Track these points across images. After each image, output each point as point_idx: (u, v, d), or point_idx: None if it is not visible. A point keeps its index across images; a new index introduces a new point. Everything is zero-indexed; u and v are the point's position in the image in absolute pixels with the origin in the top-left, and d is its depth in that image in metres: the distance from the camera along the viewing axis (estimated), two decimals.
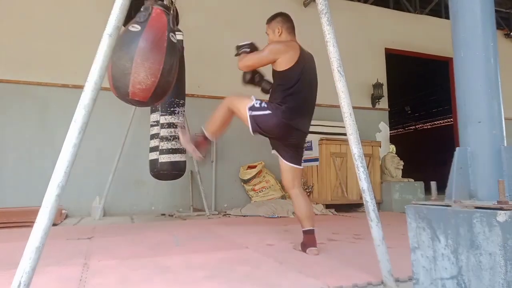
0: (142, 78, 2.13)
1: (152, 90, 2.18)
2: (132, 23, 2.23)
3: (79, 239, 2.92)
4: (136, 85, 2.14)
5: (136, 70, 2.11)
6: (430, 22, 7.23)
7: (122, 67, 2.10)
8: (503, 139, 1.45)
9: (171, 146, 3.71)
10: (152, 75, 2.15)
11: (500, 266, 1.16)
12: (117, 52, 2.04)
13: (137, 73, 2.11)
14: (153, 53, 2.18)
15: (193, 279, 1.78)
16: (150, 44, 2.17)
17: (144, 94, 2.18)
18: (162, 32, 2.26)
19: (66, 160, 1.43)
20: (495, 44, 1.51)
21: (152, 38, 2.19)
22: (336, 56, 1.82)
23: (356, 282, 1.69)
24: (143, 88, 2.15)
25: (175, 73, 2.33)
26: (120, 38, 2.07)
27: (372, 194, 1.75)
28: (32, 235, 1.35)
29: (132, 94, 2.17)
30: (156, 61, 2.16)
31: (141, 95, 2.18)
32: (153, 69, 2.14)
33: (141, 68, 2.11)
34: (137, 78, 2.11)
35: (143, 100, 2.22)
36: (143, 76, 2.13)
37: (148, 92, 2.18)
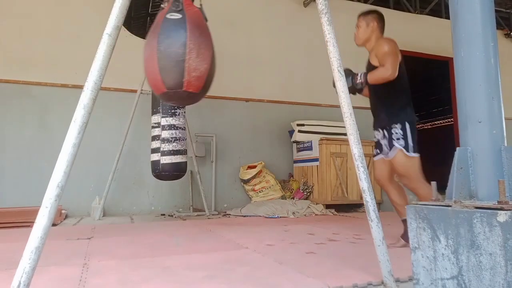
0: (196, 65, 1.99)
1: (205, 78, 2.04)
2: (169, 12, 2.09)
3: (79, 239, 2.92)
4: (192, 73, 1.98)
5: (190, 57, 1.96)
6: (430, 22, 7.23)
7: (174, 55, 1.95)
8: (503, 139, 1.45)
9: (172, 147, 3.72)
10: (205, 61, 2.02)
11: (500, 266, 1.16)
12: (164, 41, 1.95)
13: (192, 60, 1.97)
14: (202, 38, 2.06)
15: (193, 279, 1.78)
16: (197, 29, 2.06)
17: (198, 83, 2.02)
18: (201, 19, 2.17)
19: (66, 160, 1.43)
20: (495, 44, 1.51)
21: (198, 24, 2.09)
22: (336, 56, 1.82)
23: (356, 282, 1.69)
24: (198, 75, 2.00)
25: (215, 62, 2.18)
26: (162, 28, 2.00)
27: (372, 194, 1.74)
28: (32, 235, 1.35)
29: (187, 84, 2.01)
30: (207, 47, 2.05)
31: (196, 84, 2.02)
32: (205, 55, 2.02)
33: (195, 54, 1.97)
34: (192, 64, 1.97)
35: (195, 90, 2.05)
36: (197, 62, 1.99)
37: (202, 81, 2.03)
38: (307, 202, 4.95)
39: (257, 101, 5.72)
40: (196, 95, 2.13)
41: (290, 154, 5.77)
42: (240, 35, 5.77)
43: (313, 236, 3.05)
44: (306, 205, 4.86)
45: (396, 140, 2.44)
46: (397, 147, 2.43)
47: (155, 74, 1.99)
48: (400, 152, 2.43)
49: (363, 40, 2.70)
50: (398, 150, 2.43)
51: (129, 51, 4.91)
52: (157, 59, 1.96)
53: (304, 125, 5.46)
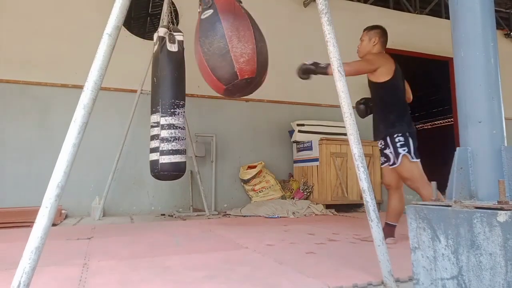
0: (241, 49, 1.99)
1: (255, 59, 2.03)
2: (202, 12, 2.13)
3: (79, 239, 2.92)
4: (239, 59, 1.99)
5: (232, 45, 1.98)
6: (430, 22, 7.23)
7: (218, 50, 1.98)
8: (503, 139, 1.45)
9: (171, 147, 3.70)
10: (249, 42, 2.02)
11: (500, 266, 1.16)
12: (205, 42, 1.96)
13: (235, 47, 1.99)
14: (238, 21, 2.07)
15: (193, 279, 1.78)
16: (231, 15, 2.06)
17: (250, 66, 2.03)
18: (232, 4, 2.16)
19: (66, 160, 1.43)
20: (495, 44, 1.51)
21: (229, 10, 2.08)
22: (336, 56, 1.82)
23: (356, 282, 1.69)
24: (247, 59, 2.01)
25: (262, 37, 2.17)
26: (201, 29, 2.02)
27: (372, 194, 1.74)
28: (32, 235, 1.35)
29: (240, 72, 2.01)
30: (245, 27, 2.05)
31: (248, 68, 2.02)
32: (246, 36, 2.03)
33: (235, 40, 1.99)
34: (237, 51, 1.98)
35: (251, 75, 2.04)
36: (241, 47, 2.00)
37: (253, 63, 2.03)
38: (307, 202, 4.95)
39: (257, 101, 5.72)
40: (254, 79, 2.10)
41: (290, 154, 5.77)
42: None
43: (313, 236, 3.05)
44: (306, 205, 4.86)
45: (400, 148, 2.58)
46: (402, 153, 2.57)
47: (210, 76, 2.01)
48: (405, 158, 2.57)
49: (364, 54, 2.89)
50: (403, 156, 2.57)
51: (129, 51, 4.92)
52: (205, 61, 1.99)
53: (304, 125, 5.46)
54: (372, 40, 2.85)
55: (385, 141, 2.67)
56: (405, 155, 2.57)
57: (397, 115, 2.68)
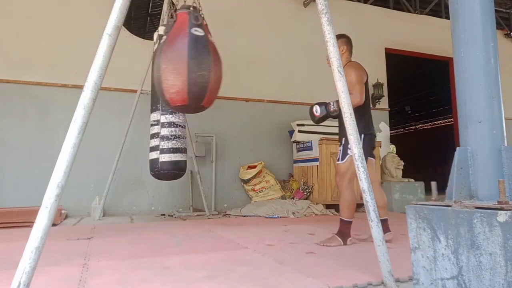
0: (172, 81, 2.19)
1: (186, 90, 2.21)
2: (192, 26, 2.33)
3: (79, 239, 2.92)
4: (170, 90, 2.21)
5: (164, 77, 2.19)
6: (430, 22, 7.23)
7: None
8: (503, 139, 1.45)
9: (171, 145, 3.68)
10: (180, 74, 2.19)
11: (500, 266, 1.16)
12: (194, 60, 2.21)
13: (166, 79, 2.19)
14: (175, 53, 2.24)
15: (193, 279, 1.78)
16: (171, 46, 2.26)
17: (180, 97, 2.23)
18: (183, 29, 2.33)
19: (66, 160, 1.43)
20: (495, 44, 1.51)
21: (174, 39, 2.28)
22: (336, 56, 1.82)
23: (357, 282, 1.69)
24: (176, 91, 2.21)
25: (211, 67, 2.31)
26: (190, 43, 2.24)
27: (372, 194, 1.74)
28: (32, 235, 1.35)
29: (171, 101, 2.25)
30: (180, 60, 2.21)
31: (178, 98, 2.24)
32: (179, 68, 2.19)
33: (168, 72, 2.19)
34: (168, 83, 2.20)
35: (183, 103, 2.26)
36: (172, 79, 2.19)
37: (183, 93, 2.22)
38: (307, 202, 4.95)
39: (257, 101, 5.73)
40: (189, 106, 2.37)
41: (290, 154, 5.77)
42: (240, 35, 5.77)
43: (313, 236, 3.05)
44: (306, 205, 4.86)
45: (349, 149, 2.70)
46: (349, 154, 2.70)
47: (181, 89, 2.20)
48: (350, 158, 2.70)
49: None
50: (350, 157, 2.70)
51: (129, 52, 4.92)
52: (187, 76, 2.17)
53: (304, 125, 5.46)
54: (340, 48, 2.86)
55: (341, 141, 2.83)
56: (351, 156, 2.65)
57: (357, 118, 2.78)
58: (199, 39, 2.26)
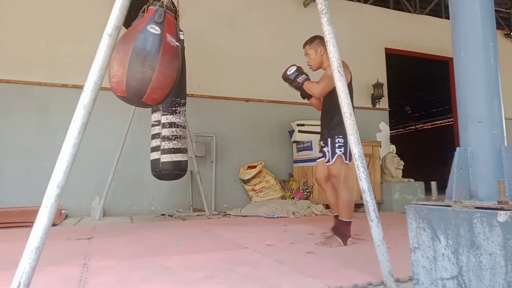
0: (115, 71, 2.27)
1: (124, 82, 2.29)
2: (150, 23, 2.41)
3: (79, 239, 2.91)
4: (112, 79, 2.30)
5: (111, 66, 2.26)
6: (430, 22, 7.23)
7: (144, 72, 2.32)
8: (503, 139, 1.45)
9: (172, 145, 3.69)
10: (122, 66, 2.26)
11: (500, 266, 1.16)
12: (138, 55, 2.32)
13: (111, 68, 2.27)
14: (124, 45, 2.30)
15: (192, 279, 1.78)
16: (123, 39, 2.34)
17: (120, 87, 2.31)
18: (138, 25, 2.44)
19: (66, 160, 1.43)
20: (495, 44, 1.51)
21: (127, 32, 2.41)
22: (336, 56, 1.82)
23: (356, 283, 1.68)
24: (117, 81, 2.29)
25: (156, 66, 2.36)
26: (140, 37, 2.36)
27: (372, 194, 1.74)
28: (32, 235, 1.35)
29: (114, 89, 2.34)
30: (125, 52, 2.28)
31: (118, 88, 2.32)
32: (122, 60, 2.26)
33: (114, 62, 2.26)
34: (112, 72, 2.28)
35: (122, 94, 2.34)
36: (115, 68, 2.27)
37: (122, 85, 2.29)
38: (307, 202, 4.95)
39: (257, 101, 5.73)
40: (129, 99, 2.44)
41: (290, 154, 5.77)
42: (240, 35, 5.77)
43: (313, 236, 3.05)
44: (306, 205, 4.86)
45: (337, 148, 2.79)
46: (338, 153, 2.77)
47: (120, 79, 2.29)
48: (339, 157, 2.78)
49: (317, 66, 3.07)
50: (338, 156, 2.77)
51: None
52: (127, 67, 2.25)
53: (304, 125, 5.46)
54: (318, 50, 3.00)
55: (326, 141, 2.84)
56: (340, 155, 2.78)
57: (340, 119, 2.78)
58: (151, 37, 2.34)
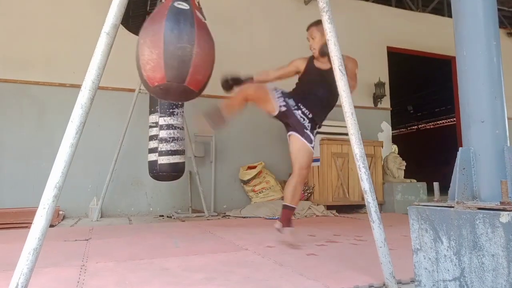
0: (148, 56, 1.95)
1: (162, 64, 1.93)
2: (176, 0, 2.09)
3: (77, 241, 2.90)
4: (146, 66, 1.97)
5: (141, 52, 1.97)
6: (432, 20, 7.21)
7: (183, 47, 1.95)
8: (506, 139, 1.43)
9: (170, 147, 3.69)
10: (155, 48, 1.94)
11: (503, 267, 1.14)
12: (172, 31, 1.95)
13: (143, 55, 1.97)
14: (208, 36, 2.08)
15: (192, 281, 1.76)
16: (204, 27, 2.08)
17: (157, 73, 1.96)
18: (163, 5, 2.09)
19: (63, 160, 1.41)
20: (498, 43, 1.49)
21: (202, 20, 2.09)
22: (338, 54, 1.80)
23: (358, 284, 1.67)
24: (152, 66, 1.95)
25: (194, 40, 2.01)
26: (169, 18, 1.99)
27: (374, 195, 1.72)
28: (29, 236, 1.33)
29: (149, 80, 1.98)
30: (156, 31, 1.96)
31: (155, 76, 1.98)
32: (155, 40, 1.95)
33: (144, 47, 1.97)
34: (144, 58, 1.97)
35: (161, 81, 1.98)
36: (203, 60, 2.00)
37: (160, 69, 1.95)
38: (308, 203, 4.93)
39: None
40: (194, 94, 2.09)
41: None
42: (240, 33, 5.75)
43: (314, 237, 3.04)
44: (307, 206, 4.84)
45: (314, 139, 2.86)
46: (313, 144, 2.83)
47: (156, 64, 1.91)
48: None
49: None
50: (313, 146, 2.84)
51: (127, 50, 4.89)
52: (163, 49, 1.88)
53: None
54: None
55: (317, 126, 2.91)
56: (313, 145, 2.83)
57: None
58: (181, 11, 2.01)
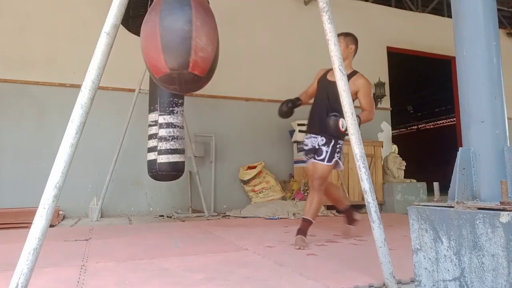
0: (204, 44, 1.81)
1: (211, 61, 1.86)
2: None
3: (77, 241, 2.90)
4: (199, 52, 1.79)
5: (197, 34, 1.79)
6: (432, 20, 7.21)
7: (180, 31, 1.77)
8: (506, 139, 1.43)
9: (170, 146, 3.67)
10: (211, 43, 1.85)
11: (503, 267, 1.14)
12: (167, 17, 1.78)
13: (199, 38, 1.79)
14: (208, 17, 1.92)
15: (191, 281, 1.76)
16: (202, 7, 1.91)
17: (205, 64, 1.84)
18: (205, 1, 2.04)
19: (63, 160, 1.41)
20: (498, 43, 1.49)
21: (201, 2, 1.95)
22: (337, 54, 1.80)
23: (358, 284, 1.67)
24: (204, 56, 1.82)
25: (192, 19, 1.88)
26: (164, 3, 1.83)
27: (374, 195, 1.72)
28: (29, 236, 1.33)
29: (193, 65, 1.80)
30: (213, 27, 1.90)
31: (202, 66, 1.83)
32: (212, 35, 1.86)
33: (202, 32, 1.81)
34: (199, 43, 1.79)
35: (201, 74, 1.85)
36: (204, 41, 1.82)
37: (208, 63, 1.85)
38: None
39: (257, 100, 5.71)
40: (201, 79, 1.93)
41: (290, 154, 5.75)
42: (240, 33, 5.75)
43: (314, 237, 3.03)
44: None
45: (336, 153, 2.80)
46: (335, 158, 2.79)
47: (156, 53, 1.79)
48: (336, 162, 2.81)
49: None
50: (335, 161, 2.78)
51: (127, 50, 4.89)
52: (159, 36, 1.77)
53: (305, 125, 5.43)
54: (349, 47, 2.86)
55: (329, 141, 2.81)
56: (336, 160, 2.77)
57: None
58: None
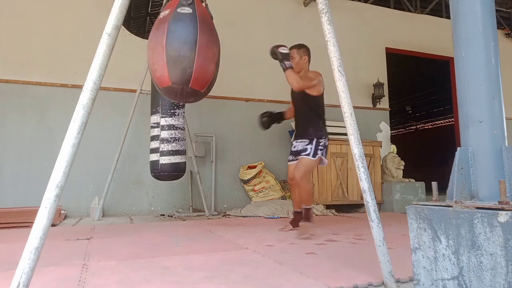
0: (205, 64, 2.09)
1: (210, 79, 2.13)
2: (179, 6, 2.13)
3: (78, 240, 2.91)
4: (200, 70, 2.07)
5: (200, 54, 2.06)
6: (430, 21, 7.22)
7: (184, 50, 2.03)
8: (504, 139, 1.44)
9: (171, 148, 3.72)
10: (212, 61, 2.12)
11: (501, 266, 1.15)
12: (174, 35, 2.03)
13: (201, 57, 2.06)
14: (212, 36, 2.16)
15: (192, 280, 1.77)
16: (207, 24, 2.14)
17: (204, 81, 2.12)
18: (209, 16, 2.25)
19: (65, 160, 1.42)
20: (496, 43, 1.50)
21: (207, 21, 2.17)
22: (337, 55, 1.82)
23: (357, 283, 1.68)
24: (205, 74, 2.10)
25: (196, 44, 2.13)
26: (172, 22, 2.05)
27: (373, 195, 1.74)
28: (31, 235, 1.34)
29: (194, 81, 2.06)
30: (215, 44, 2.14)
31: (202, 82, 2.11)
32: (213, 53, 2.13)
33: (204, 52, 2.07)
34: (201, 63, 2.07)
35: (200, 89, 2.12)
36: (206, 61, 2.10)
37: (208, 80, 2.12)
38: None
39: (257, 101, 5.72)
40: (200, 94, 2.17)
41: None
42: (240, 34, 5.77)
43: (314, 236, 3.04)
44: None
45: (319, 150, 3.11)
46: (319, 154, 3.09)
47: (161, 66, 2.01)
48: (319, 158, 3.11)
49: (298, 70, 3.24)
50: (319, 157, 3.10)
51: (129, 51, 4.91)
52: (165, 52, 1.97)
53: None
54: (303, 58, 3.24)
55: (311, 141, 3.12)
56: (320, 157, 3.10)
57: (323, 123, 3.25)
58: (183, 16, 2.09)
